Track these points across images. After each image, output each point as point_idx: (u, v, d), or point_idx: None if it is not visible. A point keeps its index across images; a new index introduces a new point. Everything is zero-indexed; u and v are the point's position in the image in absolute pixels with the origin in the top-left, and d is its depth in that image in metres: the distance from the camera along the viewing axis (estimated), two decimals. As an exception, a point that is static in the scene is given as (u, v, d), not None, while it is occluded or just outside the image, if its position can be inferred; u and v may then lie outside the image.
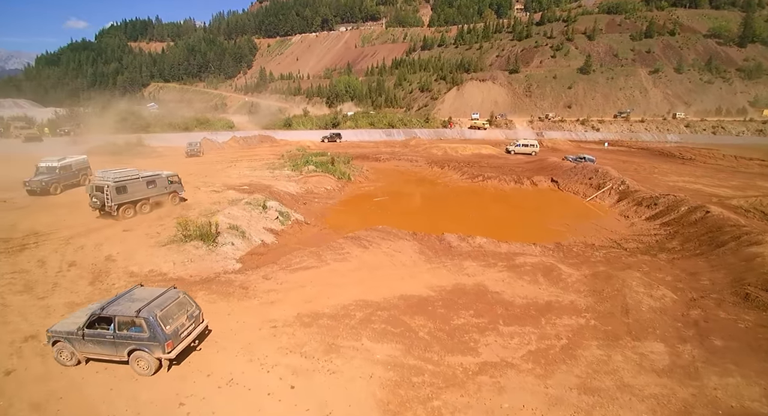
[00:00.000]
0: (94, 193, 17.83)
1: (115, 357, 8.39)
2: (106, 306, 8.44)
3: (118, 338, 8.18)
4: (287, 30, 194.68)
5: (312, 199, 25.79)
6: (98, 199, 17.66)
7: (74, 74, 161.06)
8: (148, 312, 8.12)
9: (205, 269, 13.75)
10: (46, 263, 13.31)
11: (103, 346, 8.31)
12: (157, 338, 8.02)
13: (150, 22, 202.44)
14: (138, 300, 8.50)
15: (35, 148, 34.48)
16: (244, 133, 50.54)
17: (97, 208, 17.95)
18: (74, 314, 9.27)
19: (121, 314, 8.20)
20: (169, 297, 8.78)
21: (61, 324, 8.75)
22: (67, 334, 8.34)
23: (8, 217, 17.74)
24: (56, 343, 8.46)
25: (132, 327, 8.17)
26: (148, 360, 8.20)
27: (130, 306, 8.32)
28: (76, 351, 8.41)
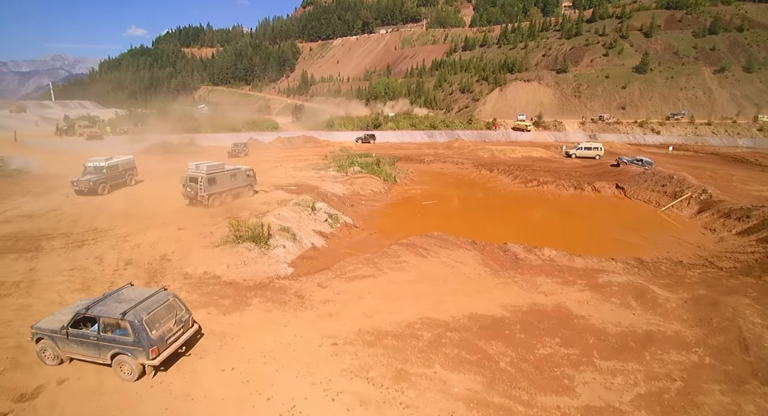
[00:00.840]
0: (188, 184, 19.23)
1: (99, 360, 7.96)
2: (91, 306, 7.93)
3: (102, 340, 7.74)
4: (329, 34, 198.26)
5: (359, 200, 24.93)
6: (192, 189, 19.05)
7: (133, 78, 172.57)
8: (134, 315, 7.62)
9: (258, 273, 13.08)
10: (103, 260, 13.19)
11: (86, 347, 7.89)
12: (141, 343, 7.53)
13: (202, 29, 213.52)
14: (125, 302, 8.00)
15: (97, 146, 36.38)
16: (288, 134, 51.01)
17: (191, 197, 19.29)
18: (60, 311, 8.86)
19: (106, 315, 7.71)
20: (158, 300, 8.22)
21: (46, 321, 8.36)
22: (51, 332, 7.97)
23: (69, 212, 18.19)
24: (39, 340, 8.10)
25: (117, 329, 7.71)
26: (131, 364, 7.71)
27: (116, 307, 7.82)
28: (60, 350, 8.04)
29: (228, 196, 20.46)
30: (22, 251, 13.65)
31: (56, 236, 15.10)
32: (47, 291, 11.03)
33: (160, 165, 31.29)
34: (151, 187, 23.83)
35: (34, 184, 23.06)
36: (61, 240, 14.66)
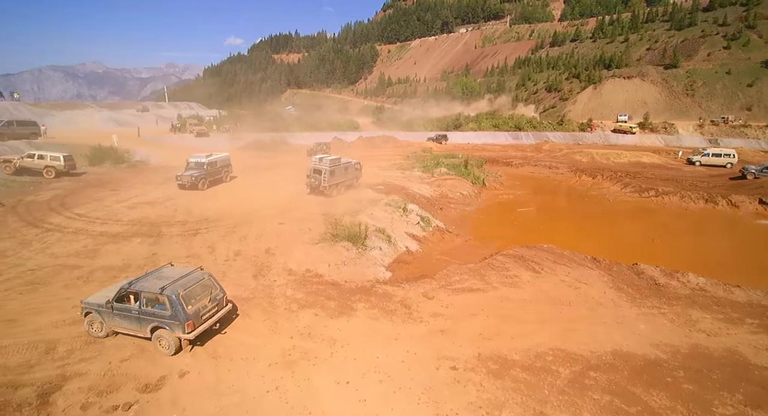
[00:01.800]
0: (312, 175, 20.78)
1: (139, 333, 8.41)
2: (134, 282, 8.47)
3: (143, 314, 8.20)
4: (407, 35, 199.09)
5: (447, 203, 23.59)
6: (315, 180, 20.60)
7: (230, 82, 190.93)
8: (171, 290, 8.07)
9: (358, 275, 12.50)
10: (215, 250, 13.69)
11: (129, 321, 8.36)
12: (177, 317, 7.95)
13: (290, 36, 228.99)
14: (165, 279, 8.45)
15: (203, 142, 40.07)
16: (369, 134, 51.49)
17: (314, 187, 20.80)
18: (108, 288, 9.30)
19: (146, 290, 8.20)
20: (194, 278, 8.70)
21: (94, 296, 8.88)
22: (98, 306, 8.48)
23: (184, 202, 19.63)
24: (88, 315, 8.61)
25: (156, 304, 8.15)
26: (168, 339, 8.11)
27: (156, 283, 8.29)
28: (105, 324, 8.52)
29: (342, 186, 21.76)
30: (145, 236, 14.80)
31: (174, 223, 16.23)
32: (169, 277, 11.53)
33: (255, 161, 33.16)
34: (248, 182, 24.92)
35: (153, 175, 25.74)
36: (179, 228, 15.69)
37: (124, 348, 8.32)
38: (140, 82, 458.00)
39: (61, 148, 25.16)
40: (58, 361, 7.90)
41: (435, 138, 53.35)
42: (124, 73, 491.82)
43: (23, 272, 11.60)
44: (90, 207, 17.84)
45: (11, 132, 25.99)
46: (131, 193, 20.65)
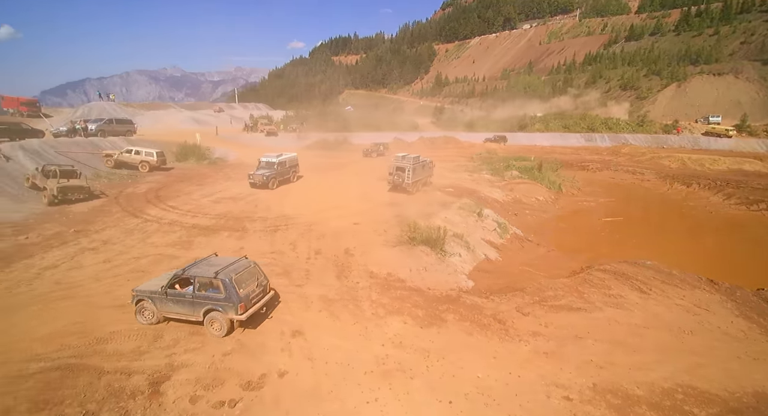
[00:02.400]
0: (395, 173, 21.32)
1: (192, 317, 8.76)
2: (187, 269, 8.91)
3: (197, 298, 8.60)
4: (466, 33, 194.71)
5: (522, 209, 22.19)
6: (399, 178, 21.19)
7: (292, 84, 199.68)
8: (225, 274, 8.53)
9: (440, 282, 11.94)
10: (296, 247, 13.87)
11: (182, 306, 8.73)
12: (231, 299, 8.41)
13: (349, 39, 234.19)
14: (215, 265, 8.92)
15: (273, 141, 41.98)
16: (429, 134, 50.76)
17: (397, 184, 21.33)
18: (158, 277, 9.72)
19: (200, 275, 8.64)
20: (243, 265, 9.18)
21: (146, 285, 9.26)
22: (150, 293, 8.82)
23: (263, 198, 20.35)
24: (139, 302, 8.94)
25: (210, 288, 8.57)
26: (221, 321, 8.55)
27: (209, 269, 8.76)
28: (157, 310, 8.86)
29: (420, 183, 22.13)
30: (232, 230, 15.44)
31: (256, 219, 16.82)
32: (256, 272, 11.80)
33: (319, 160, 33.82)
34: (316, 182, 25.21)
35: (232, 171, 27.21)
36: (260, 224, 16.21)
37: (224, 342, 8.49)
38: (212, 84, 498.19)
39: (152, 145, 27.46)
40: (165, 350, 8.23)
41: (493, 138, 51.48)
42: (199, 76, 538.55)
43: (128, 259, 12.53)
44: (180, 200, 19.13)
45: (111, 129, 28.98)
46: (215, 188, 21.90)
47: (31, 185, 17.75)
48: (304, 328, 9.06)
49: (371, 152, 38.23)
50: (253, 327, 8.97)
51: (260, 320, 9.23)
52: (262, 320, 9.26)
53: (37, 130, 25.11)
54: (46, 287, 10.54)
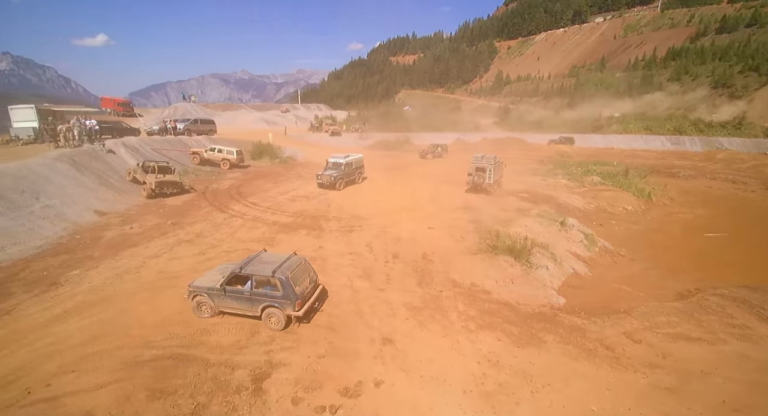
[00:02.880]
0: (476, 173, 21.50)
1: (249, 312, 9.03)
2: (244, 266, 9.05)
3: (254, 295, 8.83)
4: (531, 29, 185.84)
5: (607, 219, 20.28)
6: (480, 178, 21.37)
7: (350, 85, 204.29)
8: (281, 272, 8.73)
9: (529, 297, 11.11)
10: (373, 249, 13.77)
11: (240, 302, 9.00)
12: (289, 297, 8.63)
13: (407, 39, 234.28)
14: (268, 263, 9.13)
15: (337, 141, 43.00)
16: (493, 135, 48.84)
17: (477, 184, 21.43)
18: (210, 272, 9.95)
19: (258, 273, 8.84)
20: (295, 262, 9.36)
21: (200, 280, 9.45)
22: (208, 289, 9.06)
23: (335, 197, 20.67)
24: (195, 297, 9.17)
25: (267, 285, 8.79)
26: (279, 316, 8.82)
27: (264, 267, 8.97)
28: (214, 305, 9.14)
29: (496, 184, 22.16)
30: (309, 228, 15.78)
31: (330, 218, 17.06)
32: (338, 273, 11.86)
33: (382, 160, 33.89)
34: (382, 183, 25.14)
35: (303, 170, 28.14)
36: (335, 223, 16.41)
37: (317, 343, 8.51)
38: (276, 86, 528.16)
39: (231, 144, 29.25)
40: (263, 346, 8.42)
41: (558, 140, 48.43)
42: (264, 78, 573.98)
43: (220, 253, 13.22)
44: (259, 197, 20.05)
45: (196, 128, 31.42)
46: (288, 187, 22.70)
47: (132, 179, 19.61)
48: (393, 336, 8.82)
49: (427, 153, 37.32)
50: (307, 321, 9.19)
51: (314, 313, 9.50)
52: (314, 314, 9.48)
53: (134, 129, 27.88)
54: (151, 275, 11.39)
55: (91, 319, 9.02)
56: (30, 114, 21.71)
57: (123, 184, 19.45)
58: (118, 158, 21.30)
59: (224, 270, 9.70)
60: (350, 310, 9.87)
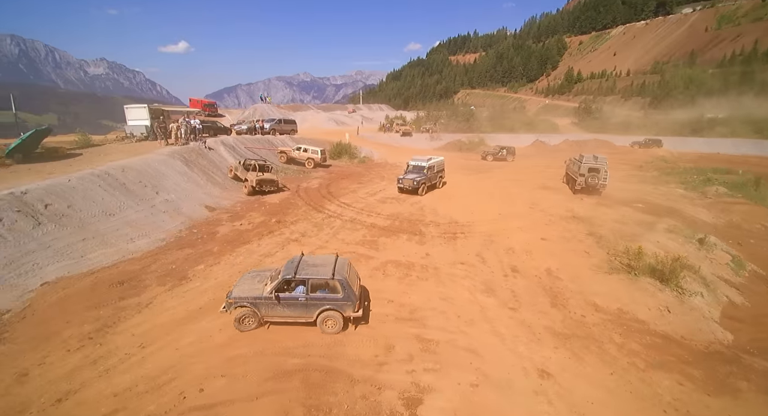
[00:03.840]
0: (588, 174, 21.16)
1: (302, 319, 8.51)
2: (298, 271, 8.43)
3: (310, 300, 8.32)
4: (606, 22, 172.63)
5: (745, 238, 17.23)
6: (593, 179, 21.04)
7: (408, 85, 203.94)
8: (340, 274, 8.37)
9: (692, 330, 9.38)
10: (485, 260, 12.72)
11: (293, 308, 8.45)
12: (350, 298, 8.34)
13: (468, 37, 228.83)
14: (320, 266, 8.66)
15: (408, 141, 42.39)
16: (575, 137, 45.22)
17: (591, 185, 21.09)
18: (242, 280, 9.08)
19: (315, 277, 8.31)
20: (344, 263, 8.95)
21: (241, 290, 8.63)
22: (254, 299, 8.36)
23: (425, 201, 19.91)
24: (238, 308, 8.40)
25: (324, 289, 8.35)
26: (337, 319, 8.46)
27: (318, 270, 8.49)
28: (261, 316, 8.46)
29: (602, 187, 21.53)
30: (409, 233, 15.09)
31: (428, 223, 16.27)
32: (456, 286, 10.98)
33: (458, 162, 32.54)
34: (467, 186, 23.99)
35: (383, 171, 27.80)
36: (434, 228, 15.58)
37: (463, 368, 7.65)
38: (335, 87, 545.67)
39: (311, 143, 29.73)
40: (403, 365, 7.75)
41: (643, 142, 44.17)
42: (324, 80, 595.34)
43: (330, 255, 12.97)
44: (350, 198, 19.85)
45: (280, 128, 32.47)
46: (374, 188, 22.35)
47: (233, 176, 20.38)
48: (548, 368, 7.71)
49: (488, 155, 35.61)
50: (366, 322, 8.94)
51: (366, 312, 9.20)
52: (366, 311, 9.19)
53: (227, 128, 29.37)
54: (269, 275, 11.33)
55: (226, 318, 9.00)
56: (143, 113, 23.65)
57: (225, 180, 20.26)
58: (218, 155, 22.31)
59: (259, 276, 9.05)
60: (486, 330, 8.92)
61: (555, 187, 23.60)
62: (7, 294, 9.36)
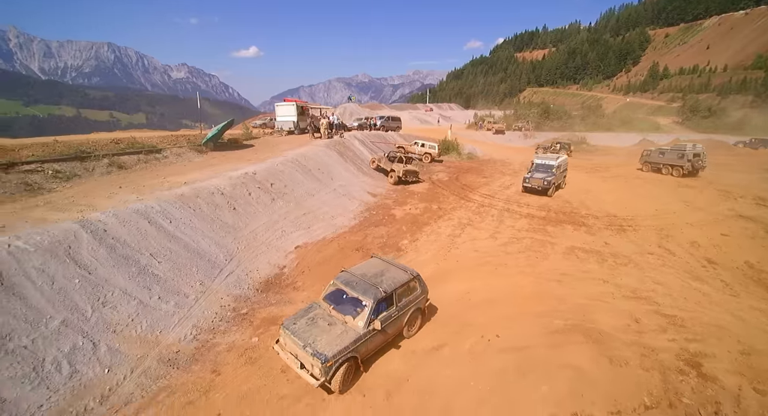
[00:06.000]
0: (693, 159, 25.03)
1: (391, 337, 7.42)
2: (378, 285, 7.20)
3: (400, 309, 7.43)
4: (698, 13, 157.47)
5: None
6: (699, 162, 24.87)
7: (470, 84, 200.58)
8: (411, 270, 8.07)
9: None
10: (673, 252, 12.88)
11: (393, 327, 7.31)
12: (425, 289, 8.12)
13: (537, 32, 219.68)
14: (379, 273, 7.68)
15: (502, 139, 42.45)
16: (685, 136, 42.20)
17: (696, 168, 25.09)
18: (306, 322, 6.79)
19: (398, 283, 7.46)
20: (389, 259, 8.62)
21: (324, 346, 6.23)
22: (354, 343, 6.44)
23: (564, 196, 20.22)
24: (341, 367, 6.26)
25: (408, 291, 7.68)
26: (416, 315, 7.96)
27: (390, 276, 7.61)
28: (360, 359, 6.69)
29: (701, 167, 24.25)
30: (572, 223, 15.58)
31: (584, 215, 16.64)
32: (656, 271, 11.32)
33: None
34: (593, 184, 23.79)
35: (496, 166, 28.43)
36: (595, 221, 15.89)
37: (723, 340, 8.12)
38: (392, 88, 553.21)
39: (423, 139, 31.02)
40: (660, 334, 8.20)
41: (748, 143, 41.44)
42: (382, 81, 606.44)
43: (510, 238, 13.90)
44: (486, 189, 20.75)
45: (388, 125, 34.33)
46: (503, 181, 23.04)
47: (375, 167, 22.14)
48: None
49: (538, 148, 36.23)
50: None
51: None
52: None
53: (345, 125, 31.68)
54: (470, 253, 12.49)
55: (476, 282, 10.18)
56: (291, 110, 26.45)
57: (369, 170, 22.11)
58: (356, 148, 24.33)
59: (308, 322, 6.84)
60: (721, 311, 9.25)
61: (693, 186, 22.64)
62: (278, 254, 11.44)
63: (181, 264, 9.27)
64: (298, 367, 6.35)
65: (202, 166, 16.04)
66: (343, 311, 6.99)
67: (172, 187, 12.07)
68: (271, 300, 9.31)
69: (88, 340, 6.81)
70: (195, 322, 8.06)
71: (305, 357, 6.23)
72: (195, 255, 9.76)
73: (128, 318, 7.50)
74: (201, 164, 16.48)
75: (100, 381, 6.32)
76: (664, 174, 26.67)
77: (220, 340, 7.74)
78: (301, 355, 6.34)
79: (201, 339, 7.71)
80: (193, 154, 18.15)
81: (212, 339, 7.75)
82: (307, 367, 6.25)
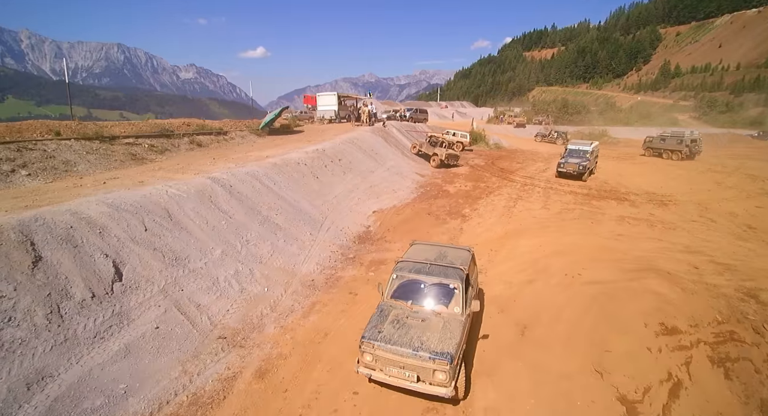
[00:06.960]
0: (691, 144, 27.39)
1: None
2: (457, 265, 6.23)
3: (474, 286, 6.71)
4: (710, 11, 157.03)
5: None
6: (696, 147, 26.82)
7: (478, 84, 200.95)
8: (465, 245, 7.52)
9: None
10: (714, 221, 13.99)
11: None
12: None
13: (545, 31, 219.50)
14: (441, 247, 7.12)
15: (522, 132, 43.62)
16: (705, 130, 43.02)
17: (693, 153, 27.09)
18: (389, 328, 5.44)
19: (467, 261, 6.57)
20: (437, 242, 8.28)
21: (444, 344, 5.13)
22: (463, 329, 5.50)
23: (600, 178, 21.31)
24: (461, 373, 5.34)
25: (474, 266, 7.01)
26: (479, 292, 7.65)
27: (457, 252, 6.85)
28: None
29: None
30: (614, 199, 16.67)
31: (624, 192, 17.85)
32: (702, 234, 12.45)
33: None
34: (624, 169, 24.85)
35: (524, 155, 29.63)
36: (636, 197, 17.04)
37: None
38: (399, 87, 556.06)
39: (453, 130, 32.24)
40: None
41: (757, 135, 43.33)
42: (388, 80, 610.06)
43: (562, 210, 15.08)
44: (524, 172, 22.02)
45: (416, 116, 35.65)
46: (538, 166, 24.25)
47: (416, 152, 23.39)
48: None
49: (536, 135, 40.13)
50: None
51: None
52: None
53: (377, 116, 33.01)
54: (528, 219, 13.69)
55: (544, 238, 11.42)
56: (332, 100, 27.87)
57: (411, 155, 23.39)
58: (396, 135, 25.63)
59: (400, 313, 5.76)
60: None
61: (723, 171, 23.67)
62: (360, 216, 12.76)
63: (291, 218, 10.60)
64: (414, 381, 5.05)
65: (270, 145, 17.41)
66: (427, 303, 5.85)
67: (259, 160, 13.41)
68: (370, 249, 10.61)
69: (245, 266, 8.15)
70: (317, 261, 9.39)
71: (419, 365, 4.99)
72: (299, 212, 11.10)
73: (268, 254, 8.84)
74: (267, 144, 17.87)
75: (264, 297, 7.65)
76: (664, 158, 29.02)
77: (342, 274, 9.05)
78: (411, 365, 5.03)
79: (326, 273, 9.02)
80: (254, 136, 19.56)
81: (335, 273, 9.06)
82: (424, 377, 5.02)
